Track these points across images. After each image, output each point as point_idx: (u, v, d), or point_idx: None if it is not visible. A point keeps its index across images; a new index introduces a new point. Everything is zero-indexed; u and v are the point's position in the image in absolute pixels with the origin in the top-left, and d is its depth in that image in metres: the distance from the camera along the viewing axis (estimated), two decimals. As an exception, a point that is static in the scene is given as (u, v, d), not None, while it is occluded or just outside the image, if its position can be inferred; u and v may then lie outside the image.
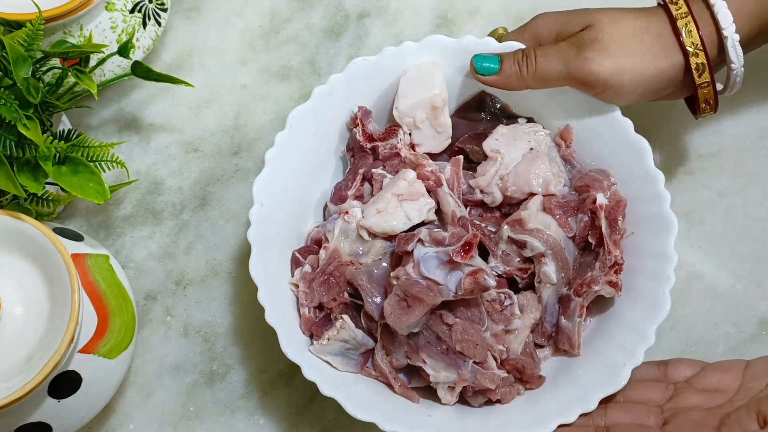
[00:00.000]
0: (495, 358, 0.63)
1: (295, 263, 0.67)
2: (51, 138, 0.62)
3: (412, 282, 0.61)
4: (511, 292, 0.65)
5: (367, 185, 0.69)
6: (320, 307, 0.65)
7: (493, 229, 0.67)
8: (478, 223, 0.67)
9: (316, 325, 0.65)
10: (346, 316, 0.64)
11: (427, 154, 0.69)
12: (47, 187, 0.67)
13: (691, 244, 0.73)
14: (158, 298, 0.73)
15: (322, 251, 0.66)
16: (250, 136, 0.78)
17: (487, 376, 0.62)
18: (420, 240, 0.62)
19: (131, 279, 0.72)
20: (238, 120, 0.79)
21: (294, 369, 0.70)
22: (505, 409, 0.64)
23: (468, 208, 0.68)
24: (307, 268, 0.66)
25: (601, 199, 0.65)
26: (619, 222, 0.65)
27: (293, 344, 0.62)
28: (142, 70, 0.72)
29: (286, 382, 0.70)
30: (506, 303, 0.64)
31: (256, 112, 0.79)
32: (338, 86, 0.68)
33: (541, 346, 0.67)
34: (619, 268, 0.64)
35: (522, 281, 0.67)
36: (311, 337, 0.65)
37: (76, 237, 0.66)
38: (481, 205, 0.68)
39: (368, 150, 0.69)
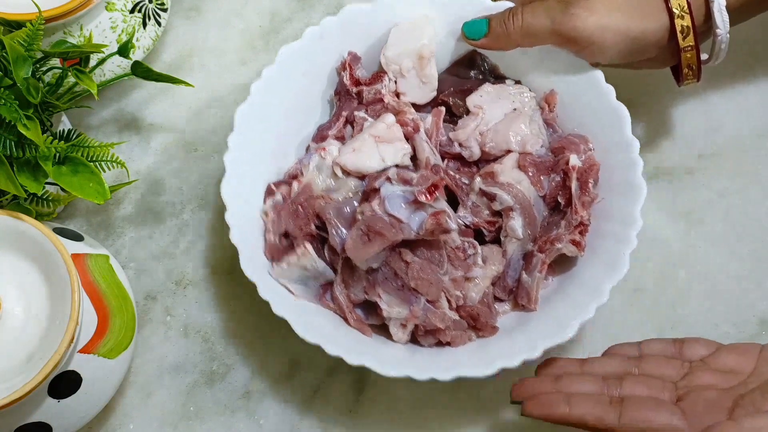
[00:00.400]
0: (449, 301, 0.65)
1: (268, 193, 0.68)
2: (51, 138, 0.62)
3: (376, 218, 0.62)
4: (476, 243, 0.67)
5: (349, 128, 0.70)
6: (286, 235, 0.67)
7: (467, 182, 0.69)
8: (452, 173, 0.69)
9: (279, 251, 0.66)
10: (308, 244, 0.65)
11: (412, 105, 0.71)
12: (47, 187, 0.67)
13: (692, 244, 0.73)
14: (158, 298, 0.73)
15: (294, 183, 0.67)
16: (250, 136, 0.78)
17: (437, 316, 0.64)
18: (388, 178, 0.64)
19: (131, 279, 0.72)
20: (238, 120, 0.79)
21: (294, 369, 0.70)
22: (454, 351, 0.65)
23: (445, 161, 0.69)
24: (279, 197, 0.67)
25: (575, 160, 0.66)
26: (590, 185, 0.66)
27: (254, 266, 0.64)
28: (142, 70, 0.72)
29: (286, 382, 0.70)
30: (469, 252, 0.66)
31: (256, 112, 0.79)
32: (331, 30, 0.70)
33: (502, 300, 0.68)
34: (585, 228, 0.65)
35: (489, 234, 0.68)
36: (272, 261, 0.66)
37: (76, 237, 0.66)
38: (459, 158, 0.70)
39: (354, 94, 0.71)
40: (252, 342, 0.71)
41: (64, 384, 0.60)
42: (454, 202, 0.68)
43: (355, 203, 0.66)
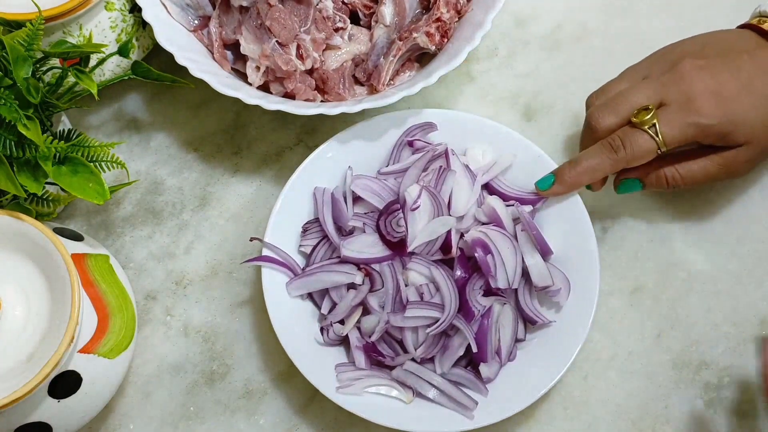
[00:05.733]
0: (300, 50, 0.71)
1: None
2: (51, 138, 0.62)
3: None
4: (347, 18, 0.74)
5: None
6: None
7: None
8: None
9: None
10: None
11: None
12: (47, 187, 0.67)
13: (691, 244, 0.73)
14: (158, 298, 0.73)
15: None
16: (250, 136, 0.78)
17: (283, 58, 0.71)
18: None
19: (131, 279, 0.72)
20: (238, 120, 0.79)
21: (294, 369, 0.70)
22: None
23: None
24: None
25: None
26: None
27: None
28: (142, 70, 0.72)
29: (286, 382, 0.70)
30: (339, 24, 0.73)
31: (256, 112, 0.79)
32: None
33: (362, 84, 0.74)
34: (442, 25, 0.71)
35: (364, 19, 0.75)
36: None
37: (76, 237, 0.66)
38: None
39: None
40: (252, 342, 0.71)
41: (64, 384, 0.60)
42: None
43: None
